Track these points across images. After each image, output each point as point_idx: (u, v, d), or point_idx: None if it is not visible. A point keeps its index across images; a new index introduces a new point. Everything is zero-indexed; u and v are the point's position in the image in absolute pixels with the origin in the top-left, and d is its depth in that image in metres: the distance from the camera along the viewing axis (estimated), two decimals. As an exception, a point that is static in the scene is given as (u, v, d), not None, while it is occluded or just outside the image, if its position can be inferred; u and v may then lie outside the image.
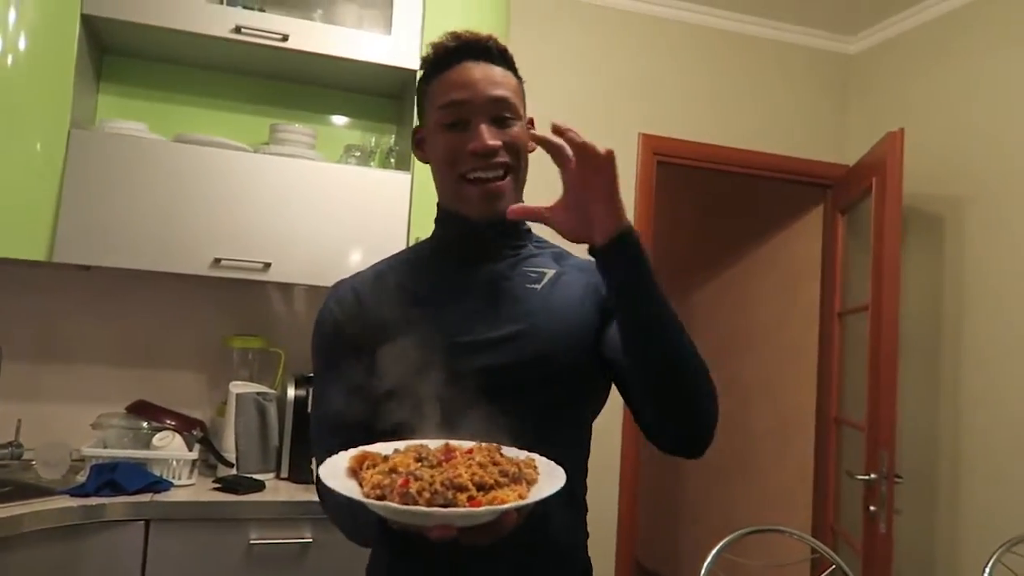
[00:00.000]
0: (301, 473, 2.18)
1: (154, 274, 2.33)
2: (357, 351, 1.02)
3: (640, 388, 0.93)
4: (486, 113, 1.02)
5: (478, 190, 1.02)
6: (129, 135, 2.16)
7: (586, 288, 1.06)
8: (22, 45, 2.04)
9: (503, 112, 1.03)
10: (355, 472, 0.83)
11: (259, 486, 2.04)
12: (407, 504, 0.74)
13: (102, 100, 2.41)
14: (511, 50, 1.10)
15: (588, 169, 0.85)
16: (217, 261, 2.16)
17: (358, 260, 2.21)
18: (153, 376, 2.42)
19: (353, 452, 0.86)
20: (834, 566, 1.88)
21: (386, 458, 0.83)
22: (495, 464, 0.81)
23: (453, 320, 1.01)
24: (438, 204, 1.11)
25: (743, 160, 3.12)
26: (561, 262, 1.11)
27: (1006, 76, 2.62)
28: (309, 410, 2.21)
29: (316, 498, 1.95)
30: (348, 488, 0.79)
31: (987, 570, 1.87)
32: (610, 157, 0.86)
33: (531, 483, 0.81)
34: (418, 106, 1.12)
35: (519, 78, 1.10)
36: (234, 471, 2.15)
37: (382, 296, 1.05)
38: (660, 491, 4.60)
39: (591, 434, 1.09)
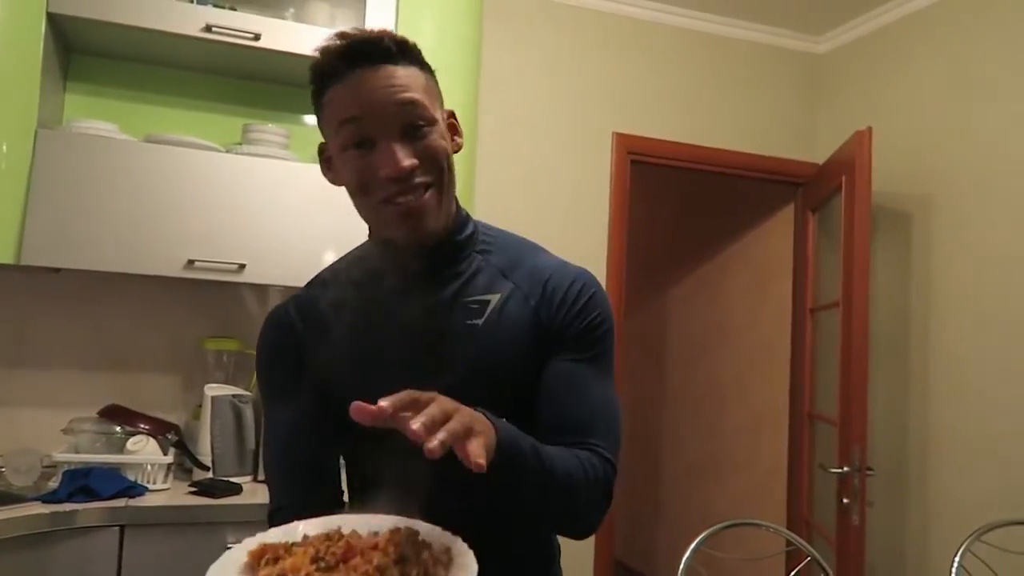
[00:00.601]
0: (278, 476, 2.16)
1: (126, 276, 2.29)
2: (296, 383, 0.98)
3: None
4: (393, 126, 0.89)
5: (396, 212, 0.90)
6: (98, 135, 2.13)
7: (528, 320, 0.96)
8: (-13, 44, 2.00)
9: (412, 120, 0.90)
10: (253, 568, 0.77)
11: (236, 489, 2.02)
12: None
13: (69, 100, 2.37)
14: (483, 48, 1.04)
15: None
16: (191, 263, 2.13)
17: (332, 261, 2.19)
18: (126, 379, 2.38)
19: (251, 546, 0.79)
20: (809, 558, 1.91)
21: (289, 549, 0.76)
22: (399, 562, 0.73)
23: (390, 367, 0.94)
24: (368, 230, 1.01)
25: (715, 159, 3.16)
26: (511, 275, 0.99)
27: (973, 75, 2.68)
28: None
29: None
30: None
31: (957, 558, 1.90)
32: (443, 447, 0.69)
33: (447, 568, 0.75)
34: (318, 121, 0.97)
35: (428, 70, 0.96)
36: (210, 474, 2.13)
37: (318, 329, 0.98)
38: (638, 489, 4.63)
39: None
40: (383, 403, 0.69)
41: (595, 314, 0.97)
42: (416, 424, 0.67)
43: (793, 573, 1.94)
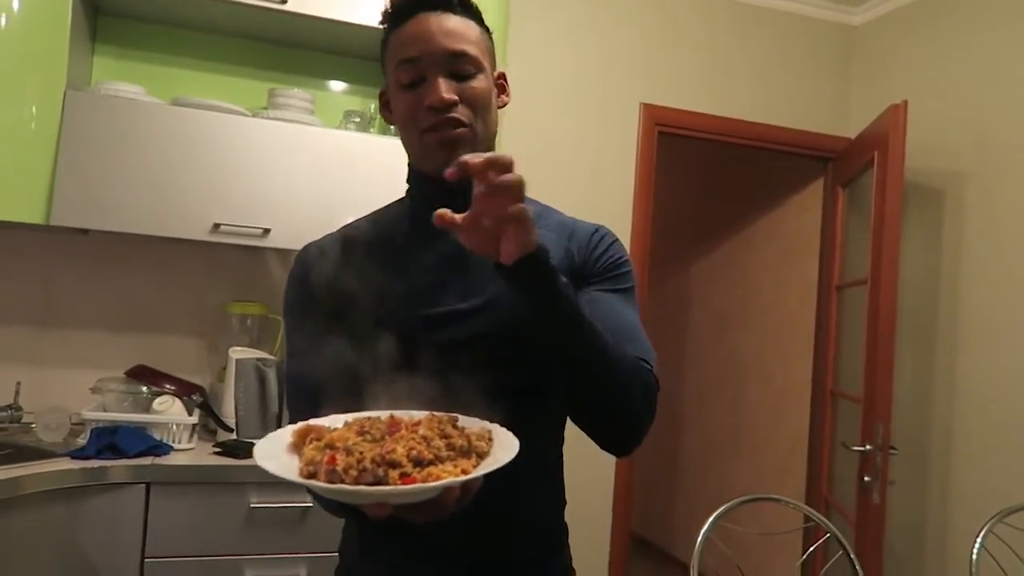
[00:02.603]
0: (300, 439, 2.19)
1: (153, 239, 2.31)
2: (324, 315, 0.99)
3: (567, 392, 0.93)
4: (443, 66, 0.97)
5: (435, 139, 0.97)
6: (126, 97, 2.13)
7: (559, 255, 1.01)
8: (15, 5, 2.01)
9: (461, 64, 0.98)
10: (297, 447, 0.78)
11: (259, 451, 2.05)
12: (333, 483, 0.69)
13: (98, 62, 2.38)
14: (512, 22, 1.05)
15: (495, 192, 0.79)
16: (216, 227, 2.14)
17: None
18: (152, 341, 2.42)
19: (298, 426, 0.81)
20: (828, 535, 1.90)
21: (331, 431, 0.78)
22: (444, 437, 0.76)
23: (421, 290, 0.98)
24: (408, 165, 1.07)
25: (744, 132, 3.11)
26: (538, 221, 1.04)
27: (1011, 50, 2.60)
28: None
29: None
30: (284, 466, 0.74)
31: (979, 540, 1.89)
32: (506, 184, 0.77)
33: (482, 456, 0.76)
34: (381, 65, 1.06)
35: (485, 28, 1.04)
36: (234, 436, 2.16)
37: (350, 261, 1.01)
38: (656, 463, 4.64)
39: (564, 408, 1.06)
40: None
41: (620, 254, 1.05)
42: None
43: (812, 549, 1.94)
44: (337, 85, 2.60)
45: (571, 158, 2.91)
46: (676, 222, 4.56)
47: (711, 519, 1.86)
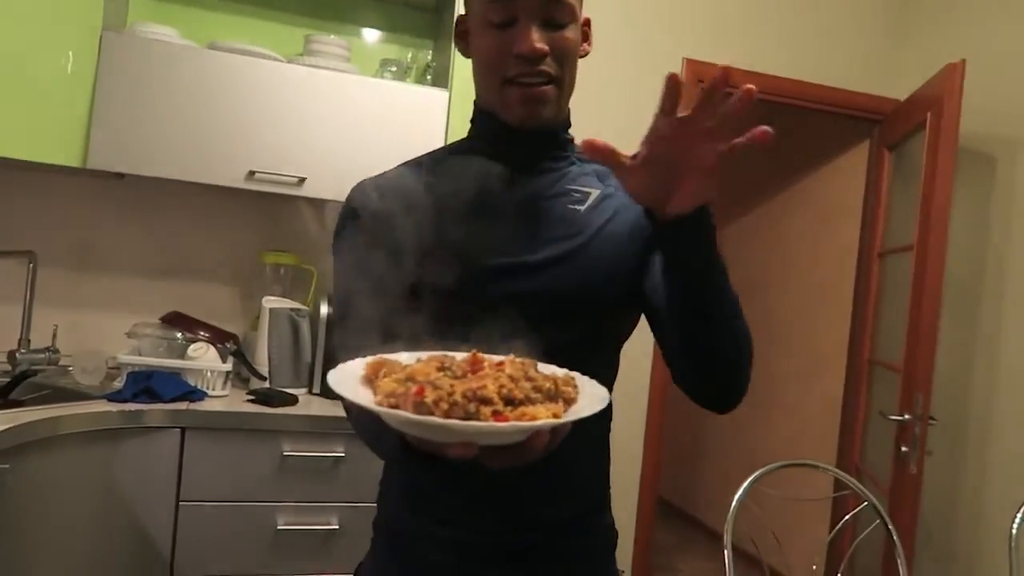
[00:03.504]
0: (332, 390, 2.18)
1: (189, 185, 2.30)
2: (381, 255, 0.94)
3: (680, 350, 0.89)
4: (538, 12, 0.92)
5: (519, 93, 0.93)
6: (162, 40, 2.10)
7: (632, 213, 0.97)
8: (53, -59, 1.97)
9: (556, 12, 0.93)
10: (370, 380, 0.74)
11: (292, 400, 2.05)
12: (421, 414, 0.65)
13: (134, 3, 2.34)
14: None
15: (701, 129, 0.72)
16: (252, 174, 2.12)
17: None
18: (187, 288, 2.42)
19: (370, 359, 0.77)
20: (865, 503, 1.87)
21: (405, 367, 0.74)
22: (528, 380, 0.72)
23: (487, 239, 0.93)
24: (475, 103, 1.02)
25: (787, 90, 3.00)
26: (606, 181, 1.02)
27: (1079, 7, 2.47)
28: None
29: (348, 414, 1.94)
30: (360, 396, 0.70)
31: (1020, 516, 1.85)
32: (726, 119, 0.71)
33: (569, 402, 0.72)
34: None
35: None
36: (267, 384, 2.17)
37: (409, 201, 0.95)
38: (684, 426, 4.62)
39: (618, 368, 1.04)
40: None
41: None
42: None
43: (848, 518, 1.91)
44: (373, 33, 2.55)
45: (610, 113, 2.84)
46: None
47: (746, 484, 1.84)
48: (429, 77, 2.44)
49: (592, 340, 0.96)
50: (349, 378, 0.74)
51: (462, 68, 2.26)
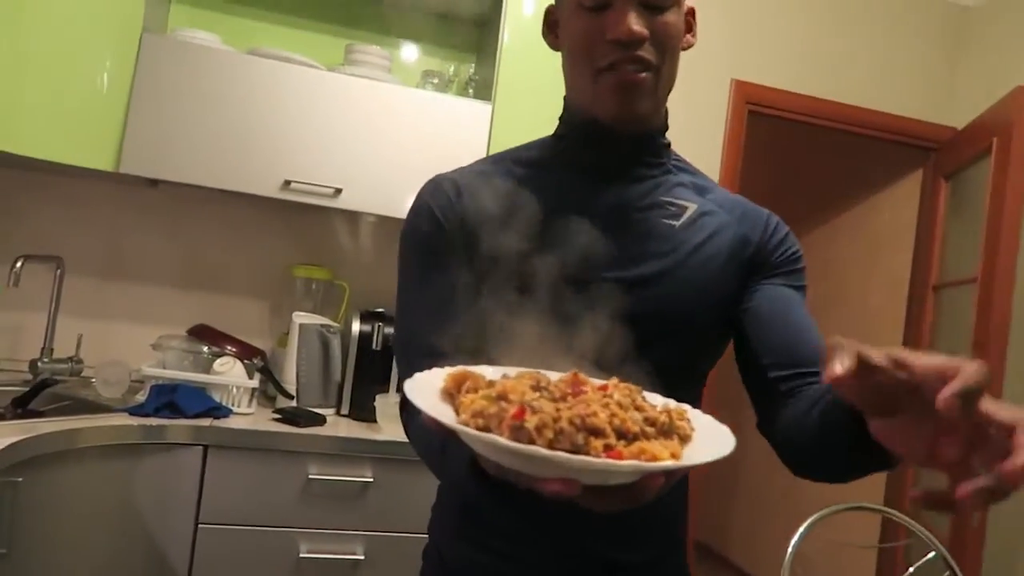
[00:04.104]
0: (363, 411, 2.09)
1: (221, 195, 2.23)
2: (456, 259, 0.85)
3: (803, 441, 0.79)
4: None
5: (612, 81, 0.84)
6: (202, 44, 2.05)
7: (731, 234, 0.90)
8: (96, -57, 1.94)
9: None
10: (451, 395, 0.64)
11: (320, 420, 1.96)
12: (519, 441, 0.54)
13: (175, 9, 2.31)
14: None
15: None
16: (287, 183, 2.05)
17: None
18: (215, 301, 2.35)
19: (451, 370, 0.66)
20: (932, 552, 1.73)
21: (491, 383, 0.63)
22: (637, 409, 0.61)
23: (575, 251, 0.85)
24: (564, 99, 0.94)
25: (840, 115, 2.89)
26: (704, 195, 0.93)
27: None
28: (374, 345, 2.13)
29: (378, 437, 1.84)
30: (439, 412, 0.59)
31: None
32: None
33: (683, 439, 0.61)
34: None
35: None
36: (294, 403, 2.07)
37: (490, 201, 0.87)
38: (715, 463, 4.45)
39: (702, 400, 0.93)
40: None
41: (798, 248, 0.93)
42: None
43: (913, 569, 1.76)
44: (416, 45, 2.49)
45: (654, 134, 2.75)
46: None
47: (802, 528, 1.71)
48: (471, 90, 2.36)
49: (679, 368, 0.85)
50: (426, 389, 0.64)
51: (506, 82, 2.19)
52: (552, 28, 0.93)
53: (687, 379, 0.88)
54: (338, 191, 2.08)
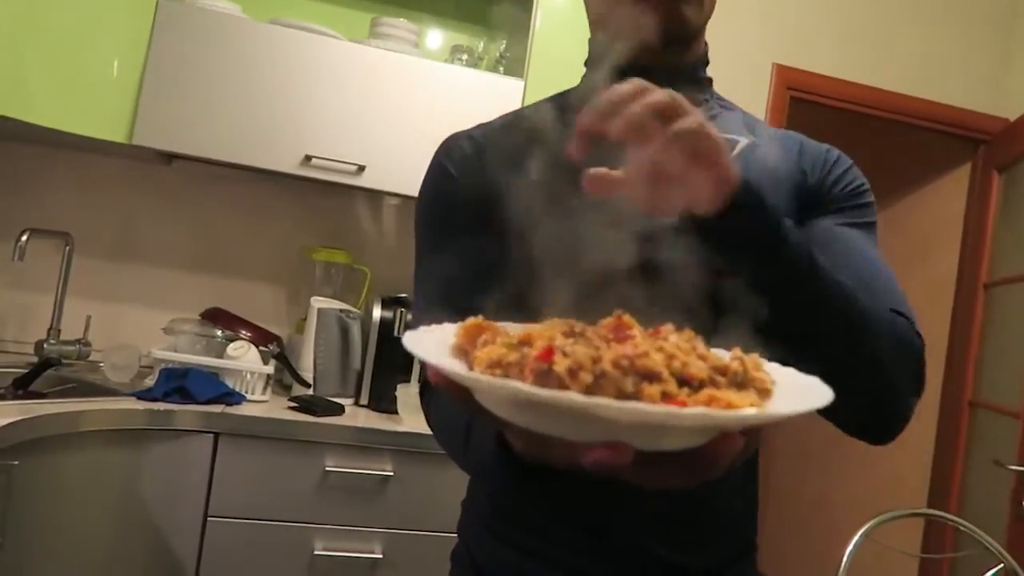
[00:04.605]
0: (383, 402, 1.98)
1: (238, 174, 2.13)
2: (478, 220, 0.77)
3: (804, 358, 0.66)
4: None
5: (641, 3, 0.74)
6: (221, 12, 1.95)
7: (787, 171, 0.81)
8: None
9: None
10: (464, 351, 0.51)
11: (338, 409, 1.84)
12: (547, 386, 0.41)
13: (194, -21, 2.21)
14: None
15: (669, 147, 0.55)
16: (308, 159, 1.94)
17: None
18: (230, 285, 2.24)
19: (467, 322, 0.52)
20: (1001, 564, 1.59)
21: (513, 338, 0.49)
22: (700, 357, 0.47)
23: (616, 198, 0.73)
24: (589, 41, 0.85)
25: (884, 103, 2.75)
26: (754, 130, 0.84)
27: None
28: (396, 332, 2.01)
29: (399, 428, 1.71)
30: (446, 364, 0.45)
31: None
32: (686, 133, 0.53)
33: (764, 394, 0.47)
34: None
35: None
36: (311, 392, 1.96)
37: (513, 153, 0.77)
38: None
39: None
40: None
41: (862, 180, 0.84)
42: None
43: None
44: (446, 20, 2.37)
45: (691, 119, 2.62)
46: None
47: (857, 536, 1.57)
48: (502, 68, 2.25)
49: (742, 322, 0.73)
50: (434, 345, 0.50)
51: (539, 59, 2.07)
52: None
53: (761, 339, 0.75)
54: (361, 168, 1.97)
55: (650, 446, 0.42)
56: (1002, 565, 1.59)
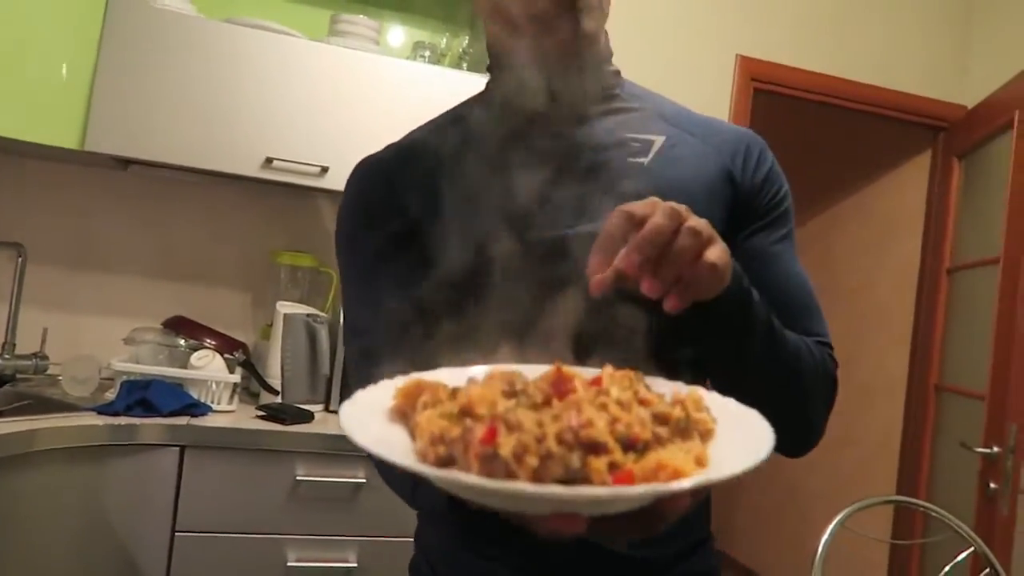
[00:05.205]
0: (353, 406, 1.94)
1: (198, 178, 2.08)
2: (394, 245, 0.76)
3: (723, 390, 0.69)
4: None
5: (522, 4, 0.72)
6: (174, 11, 1.89)
7: (710, 168, 0.77)
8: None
9: None
10: (404, 414, 0.51)
11: (307, 417, 1.81)
12: (493, 474, 0.42)
13: (145, -22, 2.14)
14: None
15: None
16: (269, 162, 1.90)
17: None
18: (192, 291, 2.19)
19: (401, 381, 0.53)
20: (972, 548, 1.61)
21: (454, 392, 0.50)
22: (642, 403, 0.49)
23: (528, 208, 0.74)
24: (487, 48, 0.83)
25: (844, 91, 2.77)
26: (671, 123, 0.80)
27: None
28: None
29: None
30: (389, 442, 0.47)
31: None
32: (686, 248, 0.56)
33: (706, 436, 0.49)
34: None
35: None
36: (279, 399, 1.92)
37: (423, 174, 0.77)
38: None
39: None
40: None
41: (782, 183, 0.82)
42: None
43: (949, 568, 1.64)
44: (406, 16, 2.34)
45: (657, 113, 2.62)
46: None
47: (832, 525, 1.58)
48: (465, 64, 2.22)
49: (675, 330, 0.72)
50: (371, 413, 0.50)
51: (503, 52, 2.05)
52: None
53: (687, 347, 0.76)
54: (324, 170, 1.93)
55: (601, 512, 0.44)
56: (972, 548, 1.61)
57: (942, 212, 2.82)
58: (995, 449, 2.13)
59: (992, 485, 2.12)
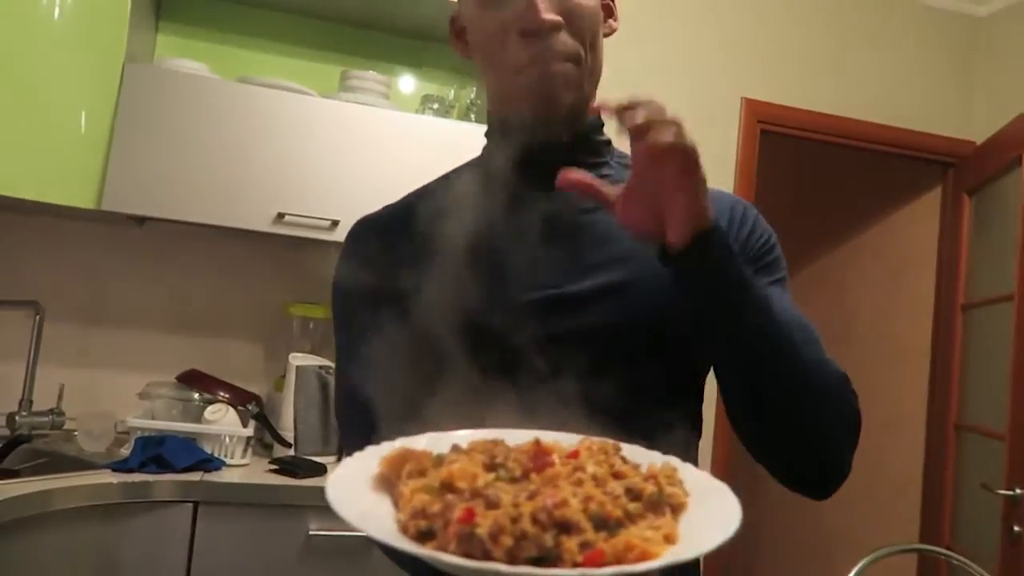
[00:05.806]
0: (365, 458, 1.94)
1: (211, 233, 2.12)
2: (387, 306, 0.77)
3: (738, 411, 0.72)
4: None
5: (530, 78, 0.75)
6: (188, 73, 1.94)
7: None
8: (76, -28, 1.84)
9: None
10: (389, 481, 0.54)
11: (320, 470, 1.81)
12: (470, 554, 0.45)
13: (161, 40, 2.21)
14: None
15: (652, 157, 0.62)
16: (280, 216, 1.93)
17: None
18: (206, 344, 2.21)
19: (387, 450, 0.56)
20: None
21: (439, 460, 0.54)
22: (616, 477, 0.52)
23: (519, 268, 0.76)
24: (487, 112, 0.86)
25: (853, 131, 2.79)
26: None
27: None
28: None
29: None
30: (375, 516, 0.50)
31: None
32: (673, 149, 0.61)
33: (678, 510, 0.52)
34: None
35: None
36: (292, 452, 1.93)
37: (417, 236, 0.79)
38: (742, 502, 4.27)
39: (701, 421, 0.84)
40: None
41: (771, 233, 0.84)
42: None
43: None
44: (414, 69, 2.39)
45: (664, 157, 2.64)
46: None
47: (856, 569, 1.55)
48: (473, 115, 2.26)
49: (665, 387, 0.76)
50: (356, 486, 0.53)
51: (510, 103, 2.08)
52: (460, 36, 0.85)
53: (681, 396, 0.79)
54: (335, 223, 1.96)
55: None
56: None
57: (954, 248, 2.80)
58: (1018, 491, 2.09)
59: (1016, 528, 2.08)
